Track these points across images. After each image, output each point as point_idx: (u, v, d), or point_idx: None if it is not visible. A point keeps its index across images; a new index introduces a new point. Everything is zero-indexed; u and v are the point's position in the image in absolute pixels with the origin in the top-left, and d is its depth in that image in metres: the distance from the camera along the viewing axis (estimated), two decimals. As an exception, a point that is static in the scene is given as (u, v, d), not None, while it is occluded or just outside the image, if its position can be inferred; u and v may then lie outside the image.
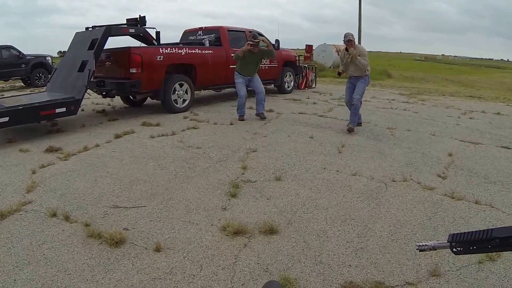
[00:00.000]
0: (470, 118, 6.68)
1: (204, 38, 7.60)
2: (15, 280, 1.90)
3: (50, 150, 4.20)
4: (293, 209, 2.72)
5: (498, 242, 0.73)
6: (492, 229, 0.74)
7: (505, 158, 4.13)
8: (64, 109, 4.90)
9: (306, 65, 10.69)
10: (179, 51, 6.48)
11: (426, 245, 0.86)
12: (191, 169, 3.57)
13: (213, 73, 7.23)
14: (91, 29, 6.13)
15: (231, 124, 5.66)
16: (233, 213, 2.66)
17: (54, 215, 2.57)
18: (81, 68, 5.43)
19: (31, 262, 2.08)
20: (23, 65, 11.73)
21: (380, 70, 17.44)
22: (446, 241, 0.82)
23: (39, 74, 12.17)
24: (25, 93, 8.21)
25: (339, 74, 5.73)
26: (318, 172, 3.50)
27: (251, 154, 4.08)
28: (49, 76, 6.20)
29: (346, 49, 5.23)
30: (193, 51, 6.77)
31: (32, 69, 11.96)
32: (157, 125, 5.57)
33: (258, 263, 2.06)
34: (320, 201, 2.85)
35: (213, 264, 2.06)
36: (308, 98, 8.67)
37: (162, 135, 4.91)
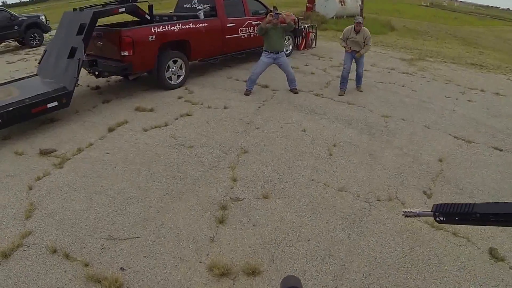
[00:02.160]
0: (468, 100, 6.52)
1: (199, 7, 7.12)
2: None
3: (45, 152, 4.24)
4: (277, 240, 2.86)
5: (478, 217, 0.78)
6: (474, 203, 0.80)
7: (495, 165, 4.15)
8: (56, 103, 4.80)
9: (307, 26, 10.08)
10: (172, 28, 6.10)
11: (411, 211, 0.92)
12: (182, 181, 3.64)
13: (209, 46, 6.93)
14: (79, 10, 5.71)
15: (225, 107, 5.57)
16: (220, 245, 2.81)
17: (54, 251, 2.72)
18: (71, 55, 5.21)
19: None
20: (16, 27, 11.28)
21: (384, 21, 16.48)
22: (430, 211, 0.87)
23: (33, 35, 11.77)
24: (16, 72, 7.95)
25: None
26: (305, 186, 3.58)
27: (242, 156, 4.12)
28: (40, 58, 5.95)
29: (356, 30, 6.17)
30: (187, 26, 6.37)
31: (26, 30, 11.53)
32: (151, 110, 5.50)
33: (240, 315, 2.25)
34: (304, 229, 2.98)
35: (199, 314, 2.25)
36: (306, 66, 8.37)
37: (155, 127, 4.90)
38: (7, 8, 11.70)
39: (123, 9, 5.80)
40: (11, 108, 4.40)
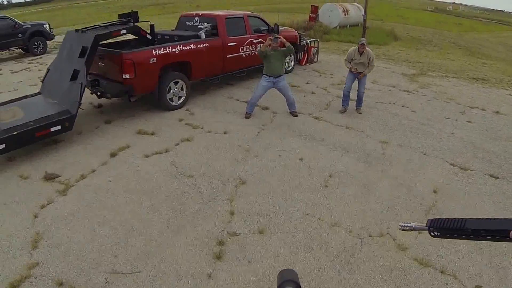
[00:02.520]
0: (468, 121, 6.75)
1: (200, 26, 7.40)
2: None
3: (49, 177, 4.50)
4: (270, 277, 3.09)
5: (470, 232, 0.83)
6: (466, 219, 0.84)
7: (490, 195, 4.36)
8: (59, 127, 5.07)
9: (308, 41, 10.37)
10: (173, 50, 6.38)
11: (407, 225, 0.99)
12: (182, 214, 3.89)
13: (210, 65, 7.21)
14: (81, 32, 6.00)
15: (225, 132, 5.83)
16: (217, 282, 3.04)
17: (61, 284, 2.96)
18: (73, 77, 5.49)
19: None
20: (20, 35, 11.91)
21: (387, 30, 16.88)
22: (425, 225, 0.93)
23: (37, 43, 12.42)
24: (20, 84, 8.24)
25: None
26: (300, 220, 3.81)
27: (240, 187, 4.36)
28: (43, 76, 6.27)
29: (360, 52, 6.51)
30: (188, 47, 6.65)
31: (30, 38, 12.17)
32: (152, 133, 5.77)
33: None
34: (296, 267, 3.21)
35: None
36: (307, 84, 8.63)
37: (156, 153, 5.16)
38: (9, 15, 12.27)
39: (124, 31, 6.08)
40: (15, 133, 4.67)
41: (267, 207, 4.02)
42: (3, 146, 4.57)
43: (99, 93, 6.37)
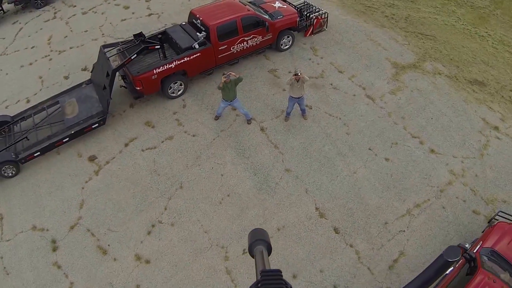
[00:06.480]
0: (386, 159, 8.81)
1: (198, 33, 10.03)
2: None
3: (91, 159, 9.38)
4: (164, 251, 7.97)
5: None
6: None
7: (312, 247, 8.12)
8: (97, 124, 9.56)
9: (316, 14, 11.48)
10: (169, 66, 9.63)
11: None
12: (144, 202, 8.60)
13: (203, 66, 10.29)
14: (107, 50, 9.53)
15: (194, 135, 9.71)
16: (144, 246, 8.04)
17: (88, 230, 8.26)
18: (104, 88, 9.53)
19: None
20: None
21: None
22: None
23: None
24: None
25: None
26: (192, 223, 8.24)
27: (178, 191, 8.76)
28: (91, 69, 10.38)
29: (296, 80, 8.69)
30: (182, 60, 9.73)
31: None
32: (153, 127, 9.95)
33: None
34: (175, 249, 7.98)
35: None
36: (289, 73, 11.03)
37: (149, 148, 9.54)
38: None
39: (134, 56, 9.43)
40: (73, 132, 9.36)
41: (182, 209, 8.50)
42: (67, 139, 9.36)
43: (125, 86, 10.35)
